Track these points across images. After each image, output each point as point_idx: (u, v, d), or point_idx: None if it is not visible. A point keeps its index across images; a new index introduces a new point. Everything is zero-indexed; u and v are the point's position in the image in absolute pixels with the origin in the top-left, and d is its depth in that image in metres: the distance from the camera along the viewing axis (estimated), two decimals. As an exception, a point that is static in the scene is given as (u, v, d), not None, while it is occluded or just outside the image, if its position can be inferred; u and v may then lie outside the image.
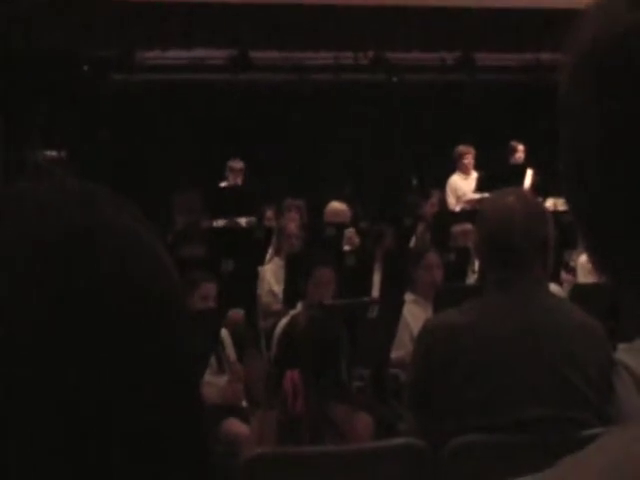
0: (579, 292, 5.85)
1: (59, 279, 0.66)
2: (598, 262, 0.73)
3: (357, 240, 8.37)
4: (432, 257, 6.29)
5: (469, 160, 10.93)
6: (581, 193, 0.72)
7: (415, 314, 6.01)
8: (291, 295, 6.58)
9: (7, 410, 0.64)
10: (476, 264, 6.93)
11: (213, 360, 5.39)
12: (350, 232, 8.44)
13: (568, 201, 0.74)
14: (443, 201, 10.74)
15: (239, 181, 10.65)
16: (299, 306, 5.92)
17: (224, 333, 5.68)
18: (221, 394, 5.23)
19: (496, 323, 2.80)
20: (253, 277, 7.04)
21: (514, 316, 2.81)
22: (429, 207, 10.21)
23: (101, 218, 0.70)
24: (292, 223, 8.22)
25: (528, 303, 2.84)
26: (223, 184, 10.62)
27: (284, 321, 5.46)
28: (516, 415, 2.73)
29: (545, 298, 2.92)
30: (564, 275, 7.47)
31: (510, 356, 2.76)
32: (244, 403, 5.50)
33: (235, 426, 3.96)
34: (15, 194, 0.71)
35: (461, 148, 11.02)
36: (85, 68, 12.10)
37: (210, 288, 5.64)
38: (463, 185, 10.86)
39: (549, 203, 9.38)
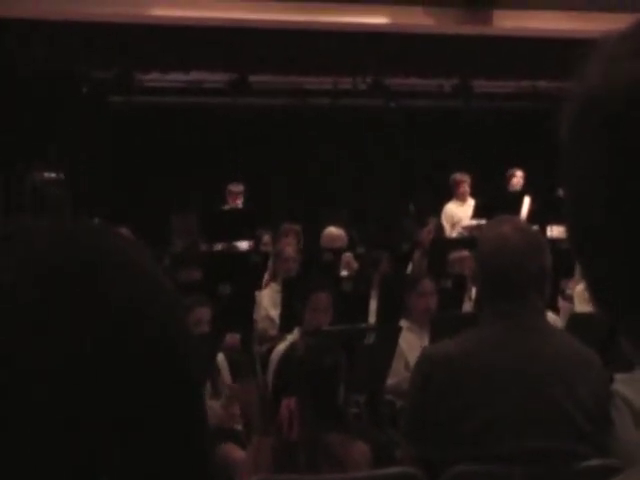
0: (577, 321, 5.85)
1: (63, 309, 0.67)
2: (597, 295, 0.74)
3: (355, 265, 8.37)
4: (426, 284, 6.29)
5: (465, 188, 10.97)
6: (584, 231, 0.73)
7: (409, 341, 6.00)
8: (288, 320, 6.57)
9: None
10: (473, 291, 6.93)
11: (208, 384, 5.38)
12: (348, 257, 8.44)
13: (569, 234, 0.75)
14: (439, 228, 10.76)
15: (239, 204, 10.66)
16: (296, 331, 5.92)
17: (220, 357, 5.67)
18: (217, 417, 5.22)
19: (494, 354, 2.80)
20: (250, 301, 7.03)
21: (512, 347, 2.81)
22: (425, 234, 10.23)
23: (105, 250, 0.71)
24: (289, 247, 8.22)
25: (526, 334, 2.84)
26: (225, 207, 10.63)
27: (281, 346, 5.45)
28: (513, 446, 2.73)
29: (543, 329, 2.92)
30: (561, 302, 7.47)
31: (507, 387, 2.75)
32: (239, 427, 5.49)
33: (231, 451, 3.96)
34: (20, 226, 0.72)
35: (457, 176, 11.06)
36: (84, 90, 12.12)
37: (204, 312, 5.62)
38: (459, 212, 10.89)
39: (547, 231, 9.40)
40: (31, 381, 0.65)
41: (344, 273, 8.18)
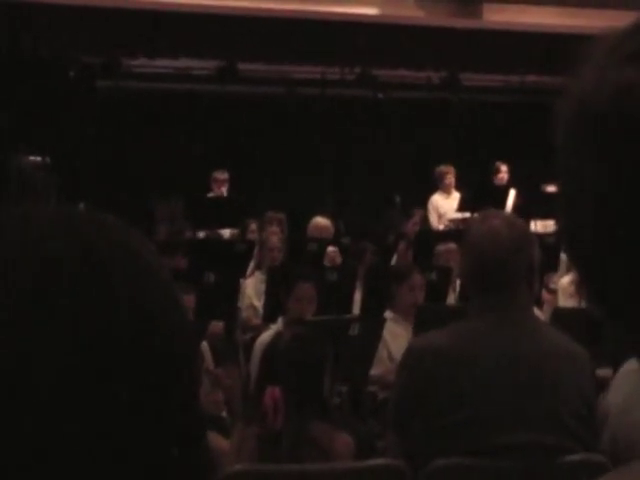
0: (560, 315, 5.88)
1: (68, 299, 0.66)
2: (593, 292, 0.74)
3: (339, 260, 8.37)
4: (417, 278, 6.30)
5: (450, 180, 11.00)
6: (580, 230, 0.73)
7: (394, 332, 6.01)
8: (271, 309, 6.57)
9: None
10: (457, 283, 6.95)
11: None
12: (332, 252, 8.43)
13: (564, 235, 0.75)
14: (425, 219, 10.77)
15: (224, 192, 10.64)
16: (279, 321, 5.92)
17: (203, 345, 5.67)
18: (200, 404, 5.21)
19: (480, 347, 2.81)
20: (234, 290, 7.03)
21: (498, 341, 2.82)
22: (411, 225, 10.24)
23: (111, 240, 0.70)
24: (274, 236, 8.21)
25: (513, 328, 2.84)
26: (209, 195, 10.62)
27: (265, 335, 5.45)
28: (497, 439, 2.73)
29: (530, 323, 2.92)
30: (545, 295, 7.50)
31: (493, 381, 2.76)
32: (224, 413, 5.49)
33: (215, 440, 3.96)
34: (22, 214, 0.71)
35: (442, 168, 11.09)
36: (71, 74, 12.07)
37: (187, 300, 5.61)
38: (444, 204, 10.91)
39: (531, 225, 9.43)
40: (36, 375, 0.65)
41: (328, 264, 8.18)
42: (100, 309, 0.67)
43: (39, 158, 10.75)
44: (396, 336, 5.97)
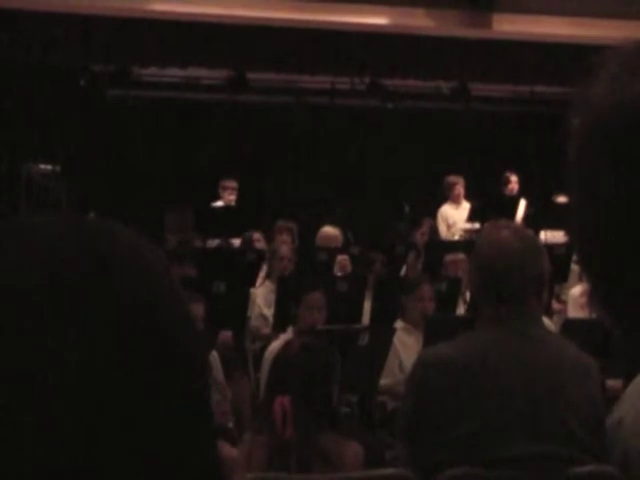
0: (570, 326, 5.86)
1: (75, 308, 0.66)
2: (606, 303, 0.74)
3: (349, 267, 8.37)
4: (426, 289, 6.31)
5: (459, 190, 10.98)
6: (593, 242, 0.73)
7: (405, 342, 6.02)
8: (281, 319, 6.57)
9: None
10: (467, 294, 6.94)
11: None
12: (343, 259, 8.43)
13: (577, 246, 0.75)
14: (434, 230, 10.76)
15: (232, 201, 10.64)
16: (289, 330, 5.92)
17: (213, 354, 5.67)
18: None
19: (490, 358, 2.81)
20: (244, 299, 7.02)
21: (508, 352, 2.81)
22: (419, 236, 10.22)
23: (117, 249, 0.70)
24: (284, 246, 8.21)
25: (522, 339, 2.84)
26: (216, 204, 10.62)
27: (275, 345, 5.45)
28: (507, 450, 2.73)
29: (539, 334, 2.92)
30: (556, 305, 7.48)
31: (503, 392, 2.76)
32: (231, 424, 5.49)
33: (224, 449, 3.95)
34: (29, 224, 0.71)
35: (451, 178, 11.07)
36: (82, 83, 12.11)
37: (197, 309, 5.61)
38: (454, 214, 10.90)
39: (541, 235, 9.41)
40: (42, 379, 0.65)
41: (338, 274, 8.18)
42: (111, 317, 0.67)
43: (49, 167, 10.78)
44: (407, 346, 5.97)
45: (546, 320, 5.77)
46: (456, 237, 10.55)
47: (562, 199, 9.34)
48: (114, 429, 0.66)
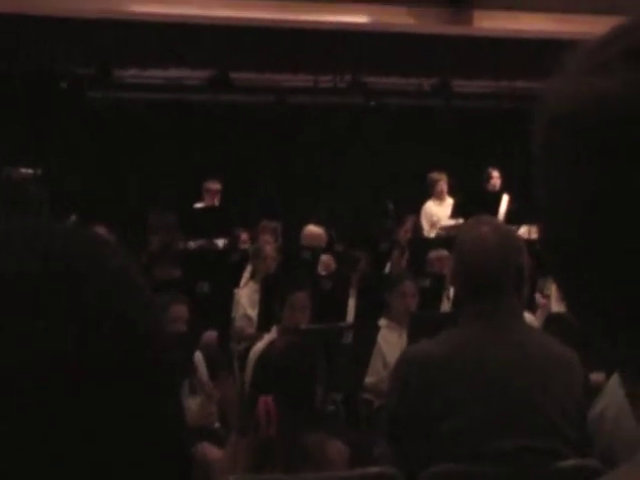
0: (553, 321, 5.88)
1: (41, 312, 0.66)
2: (578, 305, 0.74)
3: (333, 266, 8.37)
4: (408, 286, 6.31)
5: (442, 186, 10.99)
6: (559, 242, 0.73)
7: (389, 340, 6.02)
8: (266, 318, 6.57)
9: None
10: (451, 290, 6.95)
11: (185, 382, 5.37)
12: (327, 259, 8.43)
13: (542, 244, 0.75)
14: (418, 227, 10.76)
15: (216, 202, 10.62)
16: (273, 330, 5.91)
17: (197, 355, 5.66)
18: (194, 416, 5.21)
19: (472, 354, 2.81)
20: (228, 300, 7.02)
21: (490, 348, 2.82)
22: (403, 233, 10.23)
23: (88, 254, 0.70)
24: (268, 246, 8.21)
25: (504, 335, 2.85)
26: (199, 205, 10.60)
27: (259, 345, 5.45)
28: (491, 446, 2.74)
29: (521, 329, 2.93)
30: (540, 299, 7.49)
31: (485, 387, 2.76)
32: (217, 424, 5.48)
33: (208, 451, 3.95)
34: (3, 229, 0.71)
35: (434, 175, 11.09)
36: (62, 85, 12.06)
37: (180, 310, 5.60)
38: (438, 211, 10.91)
39: (523, 230, 9.43)
40: (14, 389, 0.64)
41: (322, 272, 8.18)
42: (75, 326, 0.66)
43: (30, 170, 10.73)
44: (390, 343, 5.97)
45: (528, 315, 5.79)
46: (433, 234, 10.55)
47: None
48: (77, 435, 0.65)
